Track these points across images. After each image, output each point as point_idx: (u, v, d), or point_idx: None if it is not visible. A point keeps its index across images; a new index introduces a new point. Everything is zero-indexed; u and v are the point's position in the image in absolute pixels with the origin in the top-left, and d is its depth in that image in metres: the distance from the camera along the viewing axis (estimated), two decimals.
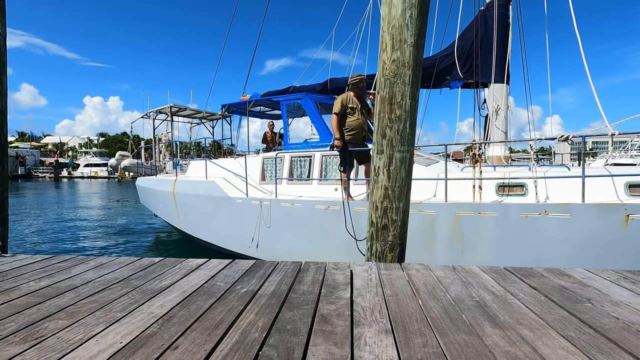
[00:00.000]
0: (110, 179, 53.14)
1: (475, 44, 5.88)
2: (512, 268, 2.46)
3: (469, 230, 4.33)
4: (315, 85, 7.38)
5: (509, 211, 4.15)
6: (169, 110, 10.76)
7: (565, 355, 1.30)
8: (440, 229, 4.47)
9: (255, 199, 5.98)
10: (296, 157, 6.31)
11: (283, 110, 7.05)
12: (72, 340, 1.42)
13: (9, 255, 2.91)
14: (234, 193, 6.37)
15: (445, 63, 6.14)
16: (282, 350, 1.32)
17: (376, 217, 2.75)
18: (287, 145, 6.88)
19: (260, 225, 5.89)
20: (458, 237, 4.39)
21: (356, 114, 5.13)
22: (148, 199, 9.83)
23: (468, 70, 6.00)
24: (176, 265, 2.55)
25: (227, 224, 6.53)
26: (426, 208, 4.55)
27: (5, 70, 3.23)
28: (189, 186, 7.37)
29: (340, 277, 2.25)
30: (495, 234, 4.22)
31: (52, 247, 8.85)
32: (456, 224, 4.38)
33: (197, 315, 1.65)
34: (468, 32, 6.02)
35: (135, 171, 12.16)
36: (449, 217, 4.41)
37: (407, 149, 2.68)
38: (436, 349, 1.34)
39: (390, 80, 2.62)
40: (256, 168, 6.66)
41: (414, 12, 2.56)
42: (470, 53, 5.97)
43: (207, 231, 7.04)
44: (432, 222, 4.50)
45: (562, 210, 3.92)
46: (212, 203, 6.71)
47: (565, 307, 1.76)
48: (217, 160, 7.59)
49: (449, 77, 6.22)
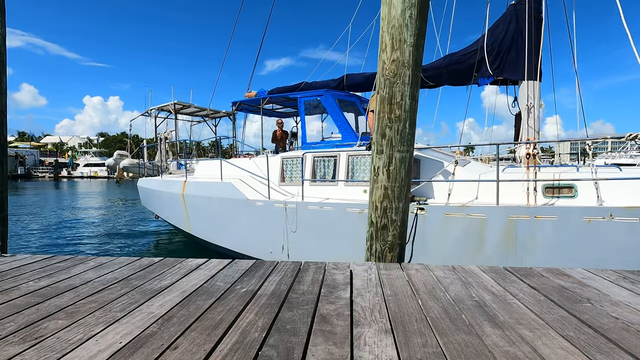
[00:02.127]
0: (110, 179, 53.13)
1: (506, 39, 5.57)
2: (511, 268, 2.46)
3: (524, 235, 4.06)
4: (329, 81, 6.99)
5: (570, 215, 3.89)
6: (172, 108, 10.31)
7: (565, 355, 1.30)
8: (491, 233, 4.20)
9: (279, 202, 5.64)
10: (319, 157, 5.93)
11: (301, 108, 6.68)
12: (72, 340, 1.41)
13: (8, 255, 2.90)
14: (253, 195, 6.02)
15: (473, 59, 5.84)
16: (281, 350, 1.32)
17: (376, 217, 2.74)
18: (306, 145, 6.53)
19: (285, 230, 5.56)
20: (511, 242, 4.13)
21: None
22: (151, 201, 9.41)
23: (498, 66, 5.68)
24: (176, 265, 2.55)
25: (245, 228, 6.13)
26: (475, 211, 4.28)
27: (5, 70, 3.23)
28: (201, 188, 6.97)
29: (340, 277, 2.25)
30: (554, 239, 3.97)
31: (51, 247, 8.84)
32: (509, 228, 4.12)
33: (196, 315, 1.65)
34: (498, 27, 5.69)
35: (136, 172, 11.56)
36: (501, 220, 4.15)
37: (407, 148, 2.68)
38: (436, 348, 1.34)
39: (390, 80, 2.62)
40: (275, 169, 6.28)
41: (413, 12, 2.56)
42: (500, 49, 5.64)
43: (222, 236, 6.63)
44: (481, 226, 4.24)
45: (630, 213, 3.67)
46: (229, 206, 6.33)
47: (565, 307, 1.76)
48: (232, 160, 7.26)
49: (477, 73, 5.92)
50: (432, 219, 4.55)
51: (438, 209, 4.55)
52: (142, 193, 10.07)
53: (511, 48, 5.59)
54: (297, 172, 6.17)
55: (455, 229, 4.41)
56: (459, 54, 6.01)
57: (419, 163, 5.26)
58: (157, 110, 10.94)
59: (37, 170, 57.94)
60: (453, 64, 5.93)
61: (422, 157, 5.29)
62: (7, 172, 3.45)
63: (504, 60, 5.64)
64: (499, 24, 5.70)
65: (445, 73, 6.03)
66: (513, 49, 5.58)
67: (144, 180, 9.80)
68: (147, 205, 10.08)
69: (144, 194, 9.83)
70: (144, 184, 9.67)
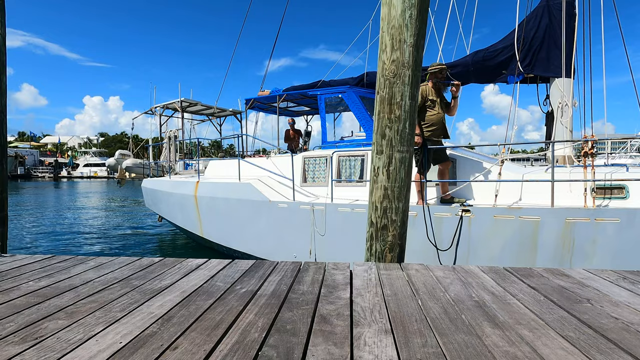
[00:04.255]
0: (110, 179, 53.11)
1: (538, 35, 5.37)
2: (511, 268, 2.46)
3: (582, 239, 3.84)
4: (348, 79, 6.68)
5: (635, 217, 3.67)
6: (179, 105, 9.93)
7: (565, 355, 1.30)
8: (545, 237, 3.98)
9: (305, 203, 5.35)
10: (344, 157, 5.70)
11: (321, 105, 6.42)
12: (72, 340, 1.42)
13: (8, 255, 2.90)
14: (276, 196, 5.73)
15: (502, 56, 5.62)
16: (281, 351, 1.32)
17: (376, 217, 2.75)
18: (326, 144, 6.33)
19: (313, 234, 5.28)
20: (568, 246, 3.91)
21: (436, 107, 4.65)
22: (157, 202, 8.97)
23: (529, 64, 5.45)
24: (176, 265, 2.55)
25: (267, 232, 5.82)
26: (527, 214, 4.03)
27: (4, 70, 3.23)
28: (217, 189, 6.60)
29: (340, 277, 2.25)
30: (618, 243, 3.76)
31: (51, 248, 8.84)
32: (566, 231, 3.89)
33: (196, 315, 1.65)
34: (529, 23, 5.47)
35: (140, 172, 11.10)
36: (557, 223, 3.93)
37: (407, 149, 2.68)
38: (436, 349, 1.34)
39: (390, 81, 2.62)
40: (296, 169, 5.99)
41: (413, 12, 2.56)
42: (531, 45, 5.42)
43: (240, 240, 6.31)
44: (534, 229, 4.01)
45: None
46: (249, 208, 6.00)
47: (565, 307, 1.76)
48: (249, 160, 6.92)
49: (506, 71, 5.70)
50: (479, 222, 4.27)
51: (485, 210, 4.26)
52: (146, 194, 9.67)
53: (543, 45, 5.38)
54: (319, 172, 5.91)
55: (505, 233, 4.16)
56: (488, 51, 5.78)
57: (455, 163, 5.03)
58: (162, 108, 10.56)
59: (37, 170, 57.99)
60: (482, 60, 5.70)
61: (458, 157, 5.06)
62: (7, 172, 3.45)
63: (535, 57, 5.43)
64: (530, 19, 5.49)
65: (473, 70, 5.82)
66: (545, 45, 5.37)
67: (148, 181, 9.43)
68: (151, 207, 9.71)
69: (149, 195, 9.42)
70: (149, 185, 9.29)
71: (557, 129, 5.33)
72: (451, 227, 4.34)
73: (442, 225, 4.34)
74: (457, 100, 4.84)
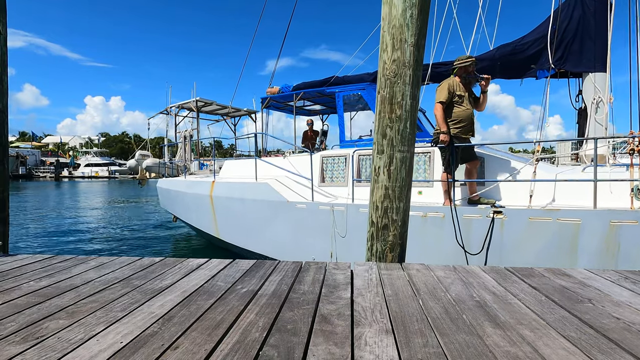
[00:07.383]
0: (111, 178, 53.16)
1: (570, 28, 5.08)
2: (512, 268, 2.46)
3: (629, 243, 3.60)
4: (364, 75, 6.39)
5: None
6: (194, 105, 9.84)
7: (566, 355, 1.29)
8: (586, 241, 3.74)
9: (324, 204, 5.18)
10: (364, 156, 5.49)
11: (339, 103, 6.26)
12: (73, 340, 1.42)
13: (9, 255, 2.91)
14: (294, 197, 5.59)
15: (532, 50, 5.32)
16: (282, 350, 1.32)
17: (376, 217, 2.74)
18: (344, 143, 6.18)
19: (333, 235, 5.11)
20: (612, 251, 3.67)
21: (465, 103, 4.40)
22: (172, 203, 8.83)
23: (560, 57, 5.14)
24: (176, 265, 2.55)
25: (284, 233, 5.67)
26: (567, 215, 3.77)
27: (6, 70, 3.24)
28: (233, 189, 6.45)
29: (341, 277, 2.25)
30: None
31: (52, 248, 8.85)
32: (610, 234, 3.66)
33: (197, 315, 1.65)
34: (562, 15, 5.17)
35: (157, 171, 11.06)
36: (601, 226, 3.69)
37: (408, 148, 2.68)
38: (437, 349, 1.34)
39: (391, 80, 2.62)
40: (314, 168, 5.81)
41: (414, 11, 2.55)
42: (563, 39, 5.11)
43: (257, 241, 6.14)
44: (574, 232, 3.77)
45: None
46: (266, 208, 5.85)
47: (566, 307, 1.76)
48: (267, 159, 6.73)
49: (535, 65, 5.41)
50: (513, 224, 4.03)
51: (519, 212, 4.01)
52: (161, 194, 9.60)
53: (575, 38, 5.07)
54: (338, 171, 5.75)
55: (541, 236, 3.92)
56: (515, 44, 5.49)
57: (483, 162, 4.81)
58: (178, 108, 10.51)
59: (38, 170, 58.14)
60: (510, 54, 5.42)
61: (487, 155, 4.83)
62: (9, 172, 3.45)
63: (567, 50, 5.12)
64: (562, 10, 5.16)
65: (499, 65, 5.57)
66: (577, 38, 5.07)
67: (163, 181, 9.35)
68: (166, 207, 9.63)
69: (164, 195, 9.32)
70: (164, 185, 9.20)
71: (591, 126, 4.98)
72: (481, 230, 4.12)
73: (471, 228, 4.12)
74: (487, 95, 4.62)
